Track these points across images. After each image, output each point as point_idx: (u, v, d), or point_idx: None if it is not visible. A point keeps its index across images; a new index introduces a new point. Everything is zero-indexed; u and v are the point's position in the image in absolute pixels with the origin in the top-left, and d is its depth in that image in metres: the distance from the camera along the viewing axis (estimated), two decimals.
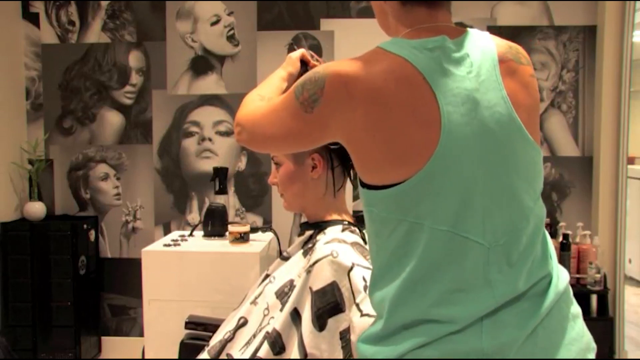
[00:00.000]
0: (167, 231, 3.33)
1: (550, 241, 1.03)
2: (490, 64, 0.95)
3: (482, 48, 0.97)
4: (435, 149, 0.90)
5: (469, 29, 1.01)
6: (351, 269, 1.26)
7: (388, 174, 0.93)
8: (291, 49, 1.47)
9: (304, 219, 1.52)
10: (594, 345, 1.01)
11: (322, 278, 1.26)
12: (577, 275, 3.01)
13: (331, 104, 0.94)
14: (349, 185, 1.52)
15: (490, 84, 0.94)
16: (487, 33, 1.01)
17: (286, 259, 1.48)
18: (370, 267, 1.29)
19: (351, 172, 1.48)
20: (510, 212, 0.95)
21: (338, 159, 1.44)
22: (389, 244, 0.96)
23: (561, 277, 1.00)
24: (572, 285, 1.03)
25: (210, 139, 3.32)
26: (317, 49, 3.23)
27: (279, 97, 1.06)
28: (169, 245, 2.36)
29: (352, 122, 0.93)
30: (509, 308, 0.93)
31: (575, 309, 1.02)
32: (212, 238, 2.47)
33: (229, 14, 3.29)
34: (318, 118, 0.97)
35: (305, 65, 1.41)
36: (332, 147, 1.41)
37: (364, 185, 0.98)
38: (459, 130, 0.90)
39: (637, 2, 3.16)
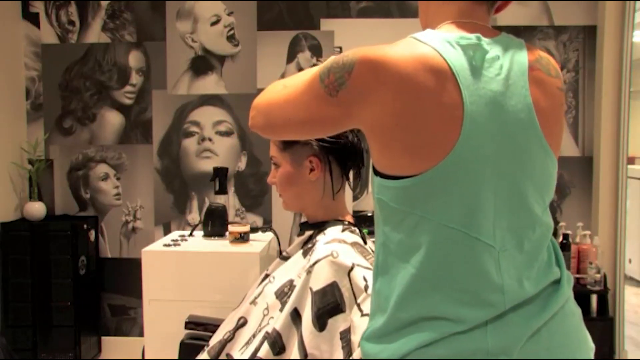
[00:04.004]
0: (167, 231, 3.33)
1: (558, 248, 1.03)
2: (519, 69, 0.95)
3: (513, 53, 0.97)
4: (453, 147, 0.89)
5: (503, 32, 1.01)
6: (351, 269, 1.26)
7: (403, 165, 0.92)
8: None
9: (303, 219, 1.52)
10: (592, 345, 1.02)
11: (322, 278, 1.26)
12: (577, 275, 3.01)
13: (358, 88, 0.93)
14: (348, 186, 1.52)
15: (517, 89, 0.94)
16: (521, 40, 1.01)
17: (286, 258, 1.48)
18: (371, 267, 1.30)
19: (350, 174, 1.48)
20: (519, 218, 0.95)
21: (336, 161, 1.44)
22: (396, 234, 0.96)
23: (568, 282, 1.01)
24: (572, 286, 1.04)
25: (210, 139, 3.32)
26: (317, 48, 3.24)
27: (301, 82, 1.03)
28: (169, 245, 2.35)
29: (377, 108, 0.92)
30: (515, 310, 0.93)
31: (578, 309, 1.02)
32: (212, 238, 2.47)
33: (229, 14, 3.29)
34: (342, 102, 0.95)
35: None
36: (328, 145, 1.41)
37: (376, 173, 0.97)
38: (479, 130, 0.90)
39: (637, 2, 3.16)
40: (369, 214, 3.21)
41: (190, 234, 2.55)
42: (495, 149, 0.92)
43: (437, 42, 0.93)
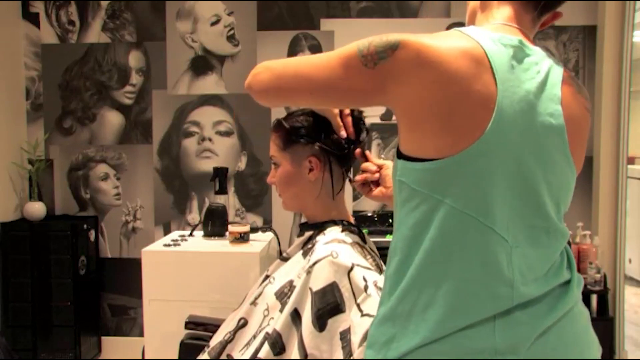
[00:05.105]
0: (167, 231, 3.33)
1: (571, 252, 1.04)
2: (555, 78, 0.98)
3: (551, 63, 1.00)
4: (481, 135, 0.91)
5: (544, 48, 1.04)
6: (351, 269, 1.26)
7: (430, 147, 0.93)
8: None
9: (303, 219, 1.52)
10: (599, 347, 1.02)
11: (322, 278, 1.26)
12: None
13: (398, 66, 0.94)
14: (348, 185, 1.52)
15: (550, 95, 0.96)
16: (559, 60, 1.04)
17: (286, 259, 1.48)
18: (371, 267, 1.30)
19: (350, 174, 1.48)
20: (534, 218, 0.96)
21: (336, 162, 1.44)
22: (411, 217, 0.96)
23: (578, 285, 1.01)
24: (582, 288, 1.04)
25: (210, 139, 3.32)
26: (317, 49, 3.23)
27: (329, 53, 1.03)
28: (169, 245, 2.35)
29: (415, 89, 0.93)
30: (524, 309, 0.93)
31: (585, 310, 1.03)
32: (212, 238, 2.47)
33: (229, 14, 3.29)
34: (377, 75, 0.96)
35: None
36: (329, 149, 1.41)
37: (400, 155, 0.99)
38: (508, 124, 0.92)
39: (637, 2, 3.16)
40: (369, 214, 3.22)
41: (190, 234, 2.55)
42: (520, 145, 0.93)
43: (481, 37, 0.95)
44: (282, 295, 1.37)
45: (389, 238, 2.90)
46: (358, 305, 1.23)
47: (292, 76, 1.07)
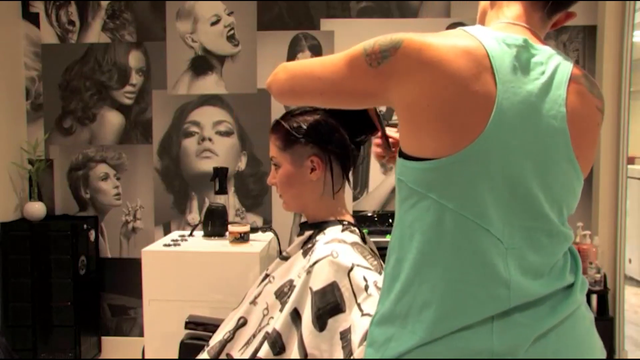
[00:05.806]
0: (167, 231, 3.33)
1: (578, 256, 1.03)
2: (560, 79, 0.96)
3: (559, 63, 0.97)
4: (478, 136, 0.90)
5: (556, 49, 1.02)
6: (351, 269, 1.26)
7: (428, 147, 0.93)
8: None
9: (303, 219, 1.52)
10: (604, 351, 1.02)
11: (322, 278, 1.26)
12: None
13: (400, 65, 0.94)
14: (348, 186, 1.52)
15: (554, 97, 0.95)
16: (570, 59, 1.02)
17: (286, 258, 1.48)
18: (371, 267, 1.30)
19: (350, 174, 1.48)
20: (532, 220, 0.95)
21: (337, 161, 1.44)
22: (409, 216, 0.97)
23: (582, 288, 1.01)
24: (586, 291, 1.03)
25: (210, 139, 3.32)
26: (317, 49, 3.24)
27: (340, 54, 1.05)
28: (169, 245, 2.35)
29: (415, 88, 0.93)
30: (523, 311, 0.93)
31: (589, 314, 1.02)
32: (212, 238, 2.47)
33: (229, 14, 3.29)
34: (380, 74, 0.97)
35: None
36: (330, 148, 1.41)
37: (401, 154, 0.99)
38: (507, 125, 0.91)
39: (637, 2, 3.16)
40: (369, 214, 3.22)
41: (190, 234, 2.55)
42: (519, 147, 0.92)
43: (484, 37, 0.94)
44: (282, 295, 1.37)
45: (389, 238, 2.90)
46: (359, 305, 1.23)
47: (304, 77, 1.10)
